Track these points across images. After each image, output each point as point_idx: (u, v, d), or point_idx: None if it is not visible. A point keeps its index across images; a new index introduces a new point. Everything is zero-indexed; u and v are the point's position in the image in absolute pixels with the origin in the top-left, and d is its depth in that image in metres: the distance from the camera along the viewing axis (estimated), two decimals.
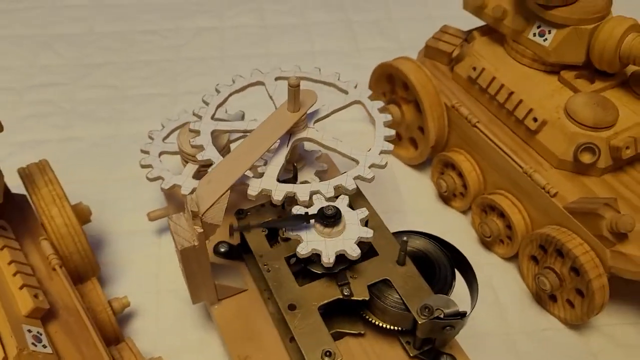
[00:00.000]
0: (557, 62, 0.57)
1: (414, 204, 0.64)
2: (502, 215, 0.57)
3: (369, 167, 0.49)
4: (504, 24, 0.59)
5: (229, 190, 0.44)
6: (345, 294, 0.44)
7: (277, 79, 0.53)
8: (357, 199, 0.50)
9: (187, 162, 0.54)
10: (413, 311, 0.43)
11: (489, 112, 0.60)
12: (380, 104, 0.52)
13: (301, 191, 0.47)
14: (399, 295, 0.44)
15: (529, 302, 0.56)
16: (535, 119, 0.55)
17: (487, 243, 0.60)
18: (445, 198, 0.64)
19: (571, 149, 0.53)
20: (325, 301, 0.44)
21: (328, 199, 0.46)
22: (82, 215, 0.54)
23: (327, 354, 0.40)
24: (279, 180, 0.48)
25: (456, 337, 0.51)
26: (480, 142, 0.58)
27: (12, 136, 0.71)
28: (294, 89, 0.48)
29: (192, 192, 0.46)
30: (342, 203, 0.45)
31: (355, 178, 0.48)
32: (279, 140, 0.50)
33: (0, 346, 0.37)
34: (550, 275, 0.52)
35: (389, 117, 0.51)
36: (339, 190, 0.47)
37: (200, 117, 0.51)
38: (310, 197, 0.46)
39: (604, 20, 0.54)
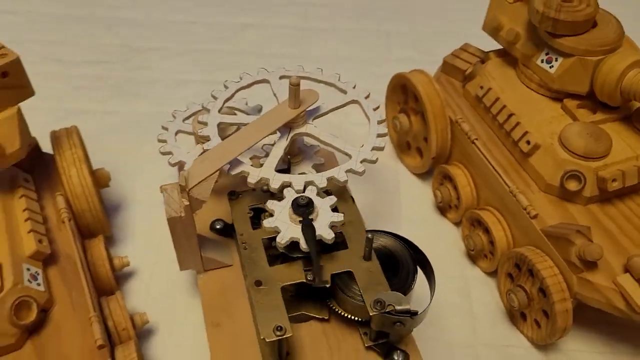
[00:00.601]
0: (560, 90, 0.58)
1: (411, 210, 0.67)
2: (487, 230, 0.59)
3: (361, 162, 0.52)
4: (516, 47, 0.61)
5: (218, 171, 0.49)
6: (309, 278, 0.48)
7: (281, 77, 0.57)
8: (342, 196, 0.54)
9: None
10: (367, 304, 0.46)
11: (491, 130, 0.62)
12: (375, 104, 0.55)
13: (296, 180, 0.51)
14: (358, 288, 0.47)
15: (501, 318, 0.58)
16: (528, 142, 0.57)
17: (472, 256, 0.62)
18: (441, 209, 0.67)
19: (559, 174, 0.54)
20: (289, 282, 0.47)
21: (297, 191, 0.49)
22: (102, 179, 0.61)
23: (279, 328, 0.44)
24: (276, 171, 0.52)
25: (419, 338, 0.54)
26: (476, 158, 0.60)
27: (61, 104, 0.79)
28: (295, 88, 0.52)
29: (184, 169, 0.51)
30: (312, 193, 0.48)
31: (347, 171, 0.51)
32: (279, 134, 0.54)
33: (0, 279, 0.44)
34: (520, 294, 0.54)
35: (382, 117, 0.55)
36: (331, 182, 0.51)
37: (208, 110, 0.55)
38: (305, 187, 0.50)
39: (612, 53, 0.55)
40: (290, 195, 0.48)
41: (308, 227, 0.46)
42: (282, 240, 0.46)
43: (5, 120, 0.49)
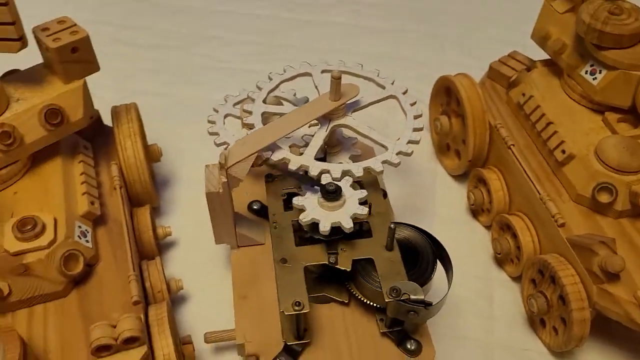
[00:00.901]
0: (602, 102, 0.58)
1: (444, 210, 0.68)
2: (515, 235, 0.60)
3: (396, 154, 0.54)
4: (562, 57, 0.61)
5: (255, 153, 0.52)
6: (331, 261, 0.50)
7: (323, 71, 0.60)
8: (374, 188, 0.56)
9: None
10: (384, 290, 0.48)
11: (529, 138, 0.62)
12: (412, 99, 0.57)
13: (334, 169, 0.53)
14: (378, 275, 0.50)
15: (521, 322, 0.59)
16: (563, 151, 0.57)
17: (498, 260, 0.63)
18: (474, 211, 0.68)
19: (591, 186, 0.55)
20: (312, 263, 0.50)
21: (334, 178, 0.52)
22: (154, 154, 0.65)
23: (297, 304, 0.47)
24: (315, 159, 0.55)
25: (435, 332, 0.56)
26: (511, 164, 0.61)
27: (126, 83, 0.85)
28: (336, 81, 0.55)
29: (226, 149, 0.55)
30: (345, 183, 0.51)
31: (383, 162, 0.54)
32: (319, 125, 0.57)
33: (54, 231, 0.48)
34: (540, 299, 0.55)
35: (419, 112, 0.56)
36: (366, 173, 0.53)
37: (253, 100, 0.59)
38: (343, 175, 0.53)
39: None
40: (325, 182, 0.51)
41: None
42: (304, 218, 0.49)
43: (72, 91, 0.54)
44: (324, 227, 0.49)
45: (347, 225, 0.49)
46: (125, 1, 1.00)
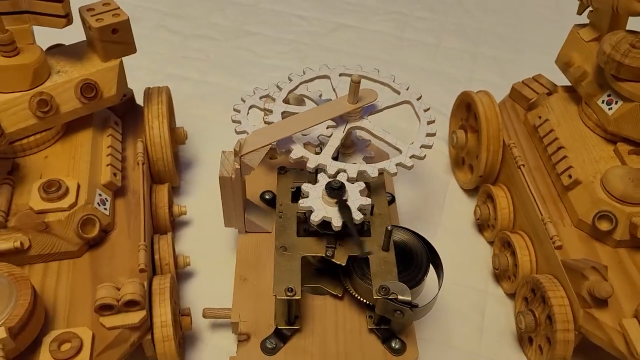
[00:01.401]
0: (615, 133, 0.59)
1: (450, 221, 0.70)
2: (514, 253, 0.61)
3: (410, 157, 0.56)
4: (582, 85, 0.62)
5: (269, 145, 0.55)
6: (328, 254, 0.53)
7: (340, 74, 0.62)
8: (377, 191, 0.58)
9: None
10: (374, 288, 0.50)
11: (541, 160, 0.63)
12: (426, 105, 0.59)
13: (351, 169, 0.56)
14: (369, 273, 0.52)
15: (509, 338, 0.60)
16: (570, 176, 0.58)
17: (497, 275, 0.64)
18: (479, 226, 0.69)
19: (592, 212, 0.55)
20: (310, 254, 0.53)
21: (349, 178, 0.54)
22: (179, 136, 0.69)
23: (290, 289, 0.50)
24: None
25: (423, 336, 0.58)
26: (519, 183, 0.62)
27: (167, 68, 0.90)
28: (355, 85, 0.58)
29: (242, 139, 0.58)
30: (342, 178, 0.53)
31: (397, 164, 0.56)
32: (336, 125, 0.60)
33: (76, 196, 0.52)
34: (528, 317, 0.56)
35: (432, 118, 0.58)
36: (382, 173, 0.56)
37: (274, 100, 0.62)
38: (358, 176, 0.55)
39: None
40: (323, 179, 0.53)
41: (344, 207, 0.51)
42: (315, 217, 0.52)
43: (108, 69, 0.58)
44: (337, 223, 0.51)
45: (358, 217, 0.51)
46: None
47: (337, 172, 0.55)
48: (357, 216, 0.51)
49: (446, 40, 0.97)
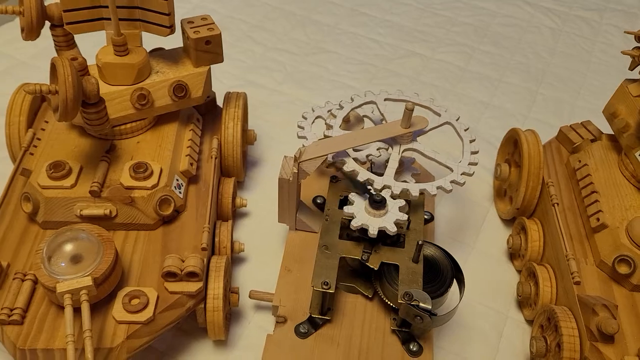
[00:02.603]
0: None
1: (484, 246, 0.75)
2: (537, 283, 0.66)
3: (461, 174, 0.62)
4: (624, 136, 0.66)
5: (324, 155, 0.62)
6: (364, 258, 0.60)
7: (385, 99, 0.69)
8: (417, 209, 0.65)
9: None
10: (399, 293, 0.57)
11: (575, 201, 0.68)
12: (466, 125, 0.66)
13: (413, 188, 0.63)
14: (398, 279, 0.58)
15: None
16: (598, 219, 0.62)
17: (519, 302, 0.69)
18: (511, 254, 0.74)
19: (614, 255, 0.60)
20: (348, 255, 0.60)
21: (393, 194, 0.61)
22: (249, 137, 0.78)
23: (325, 283, 0.57)
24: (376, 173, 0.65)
25: (440, 346, 0.64)
26: (551, 220, 0.67)
27: (249, 75, 0.99)
28: (409, 112, 0.64)
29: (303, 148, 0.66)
30: (386, 194, 0.60)
31: (452, 182, 0.62)
32: (389, 147, 0.67)
33: (158, 178, 0.62)
34: (540, 342, 0.60)
35: (473, 137, 0.65)
36: (439, 189, 0.62)
37: (331, 127, 0.68)
38: (401, 193, 0.62)
39: None
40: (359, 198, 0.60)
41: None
42: (355, 223, 0.59)
43: (198, 74, 0.67)
44: (373, 230, 0.58)
45: (392, 229, 0.58)
46: (266, 7, 1.15)
47: (383, 188, 0.62)
48: (392, 228, 0.58)
49: (508, 77, 1.02)
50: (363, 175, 0.62)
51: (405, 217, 0.59)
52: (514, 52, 1.07)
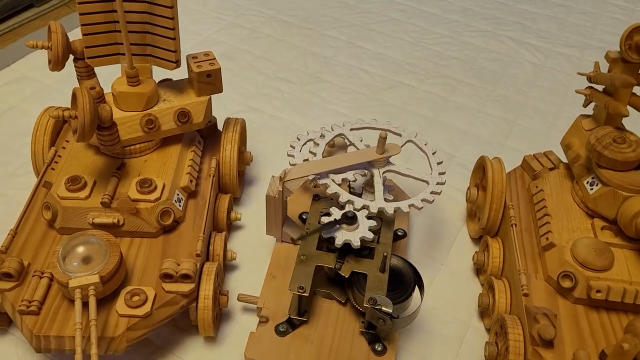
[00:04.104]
0: (593, 210, 0.71)
1: (453, 262, 0.83)
2: (494, 295, 0.73)
3: (436, 184, 0.72)
4: (575, 166, 0.74)
5: (306, 176, 0.71)
6: (336, 267, 0.68)
7: (351, 129, 0.78)
8: (388, 225, 0.73)
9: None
10: (365, 298, 0.65)
11: (531, 222, 0.76)
12: (426, 140, 0.75)
13: (403, 205, 0.71)
14: (365, 287, 0.66)
15: None
16: (547, 239, 0.70)
17: (481, 312, 0.76)
18: (477, 270, 0.81)
19: (558, 271, 0.67)
20: (323, 264, 0.68)
21: (371, 213, 0.69)
22: (246, 158, 0.87)
23: (301, 287, 0.65)
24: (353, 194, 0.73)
25: (404, 347, 0.71)
26: (510, 238, 0.75)
27: (250, 101, 1.09)
28: (383, 139, 0.73)
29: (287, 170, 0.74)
30: (362, 214, 0.68)
31: (432, 193, 0.71)
32: (366, 173, 0.75)
33: (161, 192, 0.71)
34: (492, 347, 0.68)
35: (434, 149, 0.74)
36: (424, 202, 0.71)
37: (315, 154, 0.76)
38: (409, 207, 0.70)
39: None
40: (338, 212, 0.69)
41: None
42: (338, 241, 0.67)
43: (200, 102, 0.77)
44: (357, 243, 0.66)
45: (356, 242, 0.66)
46: (270, 39, 1.26)
47: (362, 207, 0.70)
48: (356, 242, 0.66)
49: (489, 107, 1.10)
50: (344, 196, 0.71)
51: (371, 235, 0.67)
52: (496, 85, 1.15)
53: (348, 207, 0.69)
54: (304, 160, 0.75)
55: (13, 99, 1.06)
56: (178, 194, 0.73)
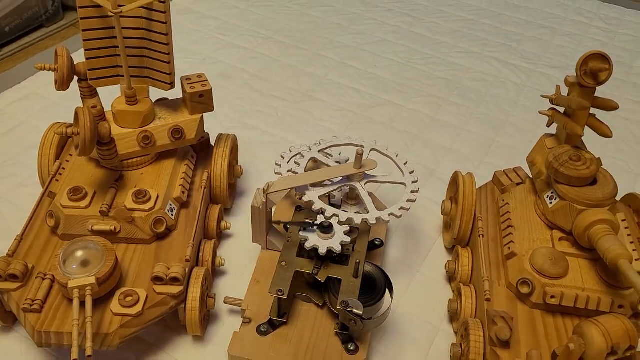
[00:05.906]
0: (552, 222, 0.76)
1: (428, 270, 0.88)
2: (462, 301, 0.79)
3: (412, 183, 0.79)
4: (538, 181, 0.80)
5: (288, 189, 0.77)
6: (314, 272, 0.74)
7: (319, 151, 0.84)
8: (363, 235, 0.79)
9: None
10: (338, 301, 0.71)
11: (498, 234, 0.81)
12: (389, 148, 0.82)
13: (384, 215, 0.77)
14: (339, 291, 0.72)
15: None
16: (509, 248, 0.76)
17: (450, 316, 0.82)
18: (449, 277, 0.87)
19: (518, 278, 0.73)
20: (301, 270, 0.74)
21: (340, 221, 0.76)
22: (236, 172, 0.93)
23: (280, 291, 0.71)
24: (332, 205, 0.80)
25: (376, 348, 0.77)
26: (478, 248, 0.80)
27: (244, 118, 1.15)
28: (359, 155, 0.79)
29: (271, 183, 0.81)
30: (335, 221, 0.74)
31: (408, 201, 0.77)
32: (347, 187, 0.81)
33: (155, 203, 0.77)
34: (457, 348, 0.73)
35: (397, 153, 0.80)
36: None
37: (296, 173, 0.83)
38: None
39: (593, 208, 0.72)
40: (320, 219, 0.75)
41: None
42: (308, 245, 0.73)
43: (192, 120, 0.83)
44: (323, 249, 0.72)
45: (338, 248, 0.72)
46: (266, 59, 1.33)
47: (332, 216, 0.76)
48: (338, 248, 0.72)
49: (471, 125, 1.16)
50: (329, 211, 0.77)
51: (348, 239, 0.73)
52: (479, 104, 1.22)
53: (334, 220, 0.75)
54: (288, 172, 0.82)
55: (23, 115, 1.13)
56: (171, 204, 0.80)
